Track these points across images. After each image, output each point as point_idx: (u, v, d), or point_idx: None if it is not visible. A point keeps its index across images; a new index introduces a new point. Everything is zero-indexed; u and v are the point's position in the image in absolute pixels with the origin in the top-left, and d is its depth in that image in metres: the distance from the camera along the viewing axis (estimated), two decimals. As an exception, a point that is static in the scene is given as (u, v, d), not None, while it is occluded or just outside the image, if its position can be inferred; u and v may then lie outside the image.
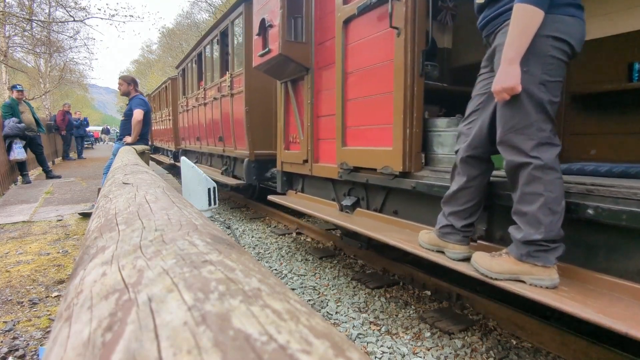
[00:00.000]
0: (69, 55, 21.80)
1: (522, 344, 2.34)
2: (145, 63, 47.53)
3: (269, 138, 5.45)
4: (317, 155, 3.79)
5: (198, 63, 8.40)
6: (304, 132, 3.90)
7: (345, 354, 0.27)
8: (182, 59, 10.36)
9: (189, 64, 9.35)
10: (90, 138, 25.53)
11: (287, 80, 4.18)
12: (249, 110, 5.42)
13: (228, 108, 6.15)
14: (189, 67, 9.45)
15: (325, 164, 3.64)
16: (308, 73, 3.80)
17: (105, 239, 0.58)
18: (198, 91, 8.17)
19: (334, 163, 3.44)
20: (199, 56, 8.31)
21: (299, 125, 4.01)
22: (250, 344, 0.26)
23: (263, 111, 5.52)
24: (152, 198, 0.86)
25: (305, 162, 3.90)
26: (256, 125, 5.47)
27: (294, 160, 4.13)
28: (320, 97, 3.72)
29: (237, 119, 5.82)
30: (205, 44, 7.73)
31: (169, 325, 0.29)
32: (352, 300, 3.01)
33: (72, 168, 11.59)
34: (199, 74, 8.38)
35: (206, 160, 8.54)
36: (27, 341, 2.17)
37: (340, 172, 3.33)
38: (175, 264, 0.41)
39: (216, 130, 6.97)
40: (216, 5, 27.79)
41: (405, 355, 2.27)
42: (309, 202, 4.09)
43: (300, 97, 4.02)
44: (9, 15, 14.02)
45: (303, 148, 3.91)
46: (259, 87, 5.44)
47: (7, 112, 7.72)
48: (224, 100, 6.38)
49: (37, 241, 4.01)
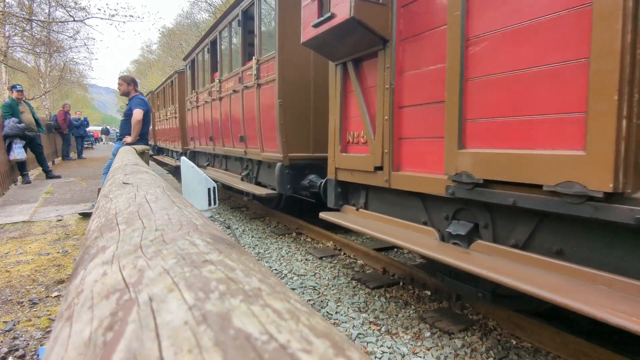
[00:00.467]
0: (69, 55, 21.84)
1: (522, 344, 2.34)
2: (145, 63, 47.55)
3: (305, 138, 4.63)
4: (399, 160, 2.82)
5: (212, 51, 7.38)
6: (377, 128, 2.95)
7: (345, 353, 0.27)
8: (191, 49, 9.27)
9: (200, 54, 8.29)
10: (90, 138, 25.53)
11: (346, 61, 3.25)
12: (283, 104, 4.46)
13: (252, 102, 5.19)
14: (199, 57, 8.40)
15: (415, 172, 2.67)
16: (385, 47, 2.83)
17: (105, 238, 0.58)
18: (211, 84, 7.21)
19: (436, 172, 2.47)
20: (212, 44, 7.30)
21: (366, 119, 3.06)
22: (251, 343, 0.26)
23: (300, 105, 4.58)
24: (153, 198, 0.86)
25: (378, 170, 2.95)
26: (291, 122, 4.53)
27: (356, 166, 3.20)
28: (406, 80, 2.73)
29: (265, 115, 4.87)
30: (221, 28, 6.69)
31: (170, 325, 0.29)
32: (352, 300, 3.01)
33: (72, 168, 11.59)
34: (212, 65, 7.39)
35: (220, 163, 7.58)
36: (27, 341, 2.17)
37: (454, 187, 2.29)
38: (176, 263, 0.41)
39: (236, 129, 5.99)
40: (216, 5, 27.80)
41: (405, 355, 2.27)
42: (383, 224, 3.04)
43: (370, 81, 3.08)
44: (9, 15, 14.02)
45: (375, 150, 2.97)
46: (294, 74, 4.53)
47: (7, 112, 7.73)
48: (247, 93, 5.44)
49: (37, 241, 4.01)
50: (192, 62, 9.05)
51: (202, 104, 7.88)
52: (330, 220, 3.39)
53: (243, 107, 5.58)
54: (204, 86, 7.91)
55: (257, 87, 5.04)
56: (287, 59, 4.46)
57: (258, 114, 5.05)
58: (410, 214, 2.87)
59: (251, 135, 5.40)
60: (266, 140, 4.95)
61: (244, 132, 5.65)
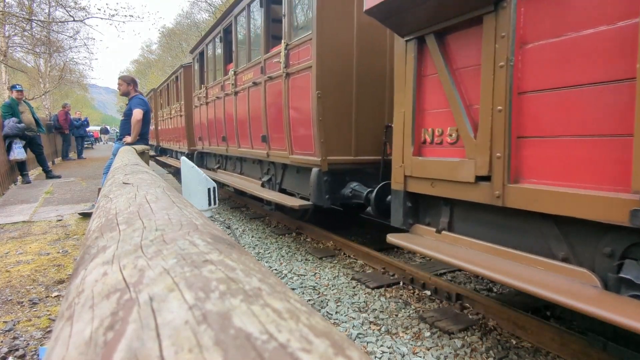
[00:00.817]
0: (69, 55, 21.84)
1: (522, 344, 2.34)
2: (145, 63, 47.55)
3: (346, 138, 3.90)
4: (519, 167, 2.04)
5: (225, 40, 6.60)
6: (481, 124, 2.19)
7: (345, 352, 0.27)
8: (199, 40, 8.42)
9: (210, 45, 7.49)
10: (90, 138, 25.54)
11: (425, 34, 2.52)
12: (322, 96, 3.70)
13: (279, 95, 4.44)
14: (209, 48, 7.60)
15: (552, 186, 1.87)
16: (498, 8, 2.07)
17: (106, 238, 0.59)
18: (224, 77, 6.42)
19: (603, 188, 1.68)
20: (225, 32, 6.51)
21: (461, 112, 2.32)
22: (251, 342, 0.26)
23: (341, 97, 3.83)
24: (153, 198, 0.86)
25: (483, 181, 2.19)
26: (331, 118, 3.78)
27: (441, 174, 2.44)
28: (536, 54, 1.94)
29: (297, 110, 4.14)
30: (237, 13, 5.89)
31: (171, 324, 0.29)
32: (352, 300, 3.01)
33: (72, 168, 11.59)
34: (226, 55, 6.63)
35: (233, 166, 6.80)
36: (27, 341, 2.17)
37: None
38: (176, 263, 0.41)
39: (256, 128, 5.22)
40: (216, 5, 27.80)
41: (405, 355, 2.27)
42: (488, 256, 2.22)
43: (467, 58, 2.33)
44: (9, 15, 14.03)
45: (477, 154, 2.21)
46: (335, 60, 3.77)
47: (6, 112, 7.73)
48: (271, 85, 4.66)
49: (37, 241, 4.02)
50: (200, 55, 8.21)
51: (213, 100, 7.10)
52: (403, 247, 2.63)
53: (266, 101, 4.80)
54: (214, 80, 7.13)
55: (285, 77, 4.25)
56: (328, 41, 3.70)
57: (287, 109, 4.27)
58: (533, 243, 2.06)
59: (276, 134, 4.63)
60: (297, 141, 4.20)
61: (266, 131, 4.86)
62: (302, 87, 3.98)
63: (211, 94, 7.30)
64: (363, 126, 3.95)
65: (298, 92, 4.08)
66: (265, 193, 4.83)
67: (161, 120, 14.26)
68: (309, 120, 3.87)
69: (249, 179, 5.91)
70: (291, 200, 4.21)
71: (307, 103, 3.89)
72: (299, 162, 4.20)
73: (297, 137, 4.21)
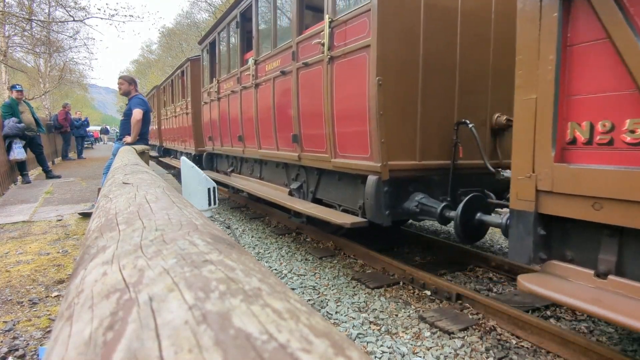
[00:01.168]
0: (69, 55, 21.84)
1: (521, 344, 2.34)
2: (145, 63, 47.53)
3: (411, 138, 3.14)
4: None
5: (242, 26, 5.78)
6: None
7: (345, 352, 0.27)
8: (210, 28, 7.46)
9: (224, 33, 6.65)
10: (90, 138, 25.55)
11: None
12: (384, 84, 2.94)
13: (317, 85, 3.72)
14: (222, 37, 6.76)
15: None
16: None
17: (105, 238, 0.59)
18: (242, 68, 5.65)
19: None
20: (243, 16, 5.73)
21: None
22: (251, 342, 0.26)
23: (406, 86, 3.08)
24: (153, 198, 0.86)
25: None
26: (394, 113, 3.04)
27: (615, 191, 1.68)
28: None
29: (345, 103, 3.37)
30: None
31: (170, 325, 0.29)
32: (352, 300, 3.01)
33: (72, 168, 11.59)
34: (243, 43, 5.82)
35: (251, 170, 6.02)
36: (27, 341, 2.17)
37: None
38: (176, 263, 0.41)
39: (283, 125, 4.47)
40: (216, 5, 27.80)
41: (405, 355, 2.27)
42: None
43: None
44: (9, 15, 14.03)
45: None
46: (400, 38, 3.02)
47: (6, 112, 7.73)
48: (307, 73, 3.93)
49: (37, 241, 4.02)
50: (211, 45, 7.34)
51: (227, 94, 6.37)
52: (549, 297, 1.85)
53: (298, 93, 4.07)
54: (229, 72, 6.38)
55: (328, 62, 3.51)
56: (392, 10, 2.95)
57: (329, 102, 3.52)
58: None
59: (312, 133, 3.91)
60: (344, 141, 3.44)
61: (298, 129, 4.12)
62: (354, 74, 3.21)
63: (224, 88, 6.57)
64: (430, 122, 3.18)
65: (347, 79, 3.32)
66: (299, 205, 4.00)
67: (165, 119, 13.38)
68: (363, 115, 3.10)
69: (273, 186, 5.09)
70: (339, 217, 3.33)
71: (361, 93, 3.11)
72: (347, 167, 3.38)
73: (344, 136, 3.43)
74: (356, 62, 3.19)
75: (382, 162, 2.98)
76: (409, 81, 3.08)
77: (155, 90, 15.32)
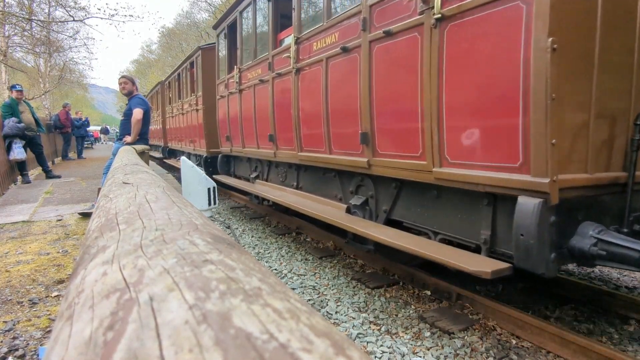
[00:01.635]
0: (69, 55, 21.84)
1: (521, 344, 2.34)
2: (145, 63, 47.53)
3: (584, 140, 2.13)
4: None
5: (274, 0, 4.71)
6: None
7: (345, 352, 0.27)
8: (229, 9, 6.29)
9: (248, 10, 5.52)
10: (90, 138, 25.55)
11: None
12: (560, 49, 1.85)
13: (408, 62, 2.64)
14: (246, 16, 5.67)
15: None
16: None
17: (106, 238, 0.59)
18: (274, 51, 4.63)
19: None
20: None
21: None
22: (251, 342, 0.26)
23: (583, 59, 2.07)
24: (153, 198, 0.86)
25: None
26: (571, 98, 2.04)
27: None
28: None
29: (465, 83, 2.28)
30: None
31: (171, 324, 0.29)
32: (352, 300, 3.01)
33: (72, 168, 11.59)
34: (276, 19, 4.75)
35: (284, 177, 4.99)
36: (27, 341, 2.17)
37: None
38: (176, 263, 0.41)
39: (341, 121, 3.44)
40: (216, 5, 27.81)
41: (405, 355, 2.27)
42: None
43: None
44: (9, 15, 14.03)
45: None
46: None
47: (6, 112, 7.73)
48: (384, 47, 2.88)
49: (36, 241, 4.01)
50: (230, 28, 6.22)
51: (252, 85, 5.27)
52: None
53: (371, 77, 3.01)
54: (255, 58, 5.26)
55: (436, 23, 2.38)
56: None
57: (435, 83, 2.43)
58: None
59: (394, 128, 2.87)
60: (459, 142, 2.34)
61: (369, 125, 3.07)
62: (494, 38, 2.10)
63: (248, 78, 5.48)
64: (603, 114, 2.17)
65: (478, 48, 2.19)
66: (375, 231, 2.93)
67: (170, 116, 11.81)
68: (513, 101, 2.02)
69: (318, 199, 4.06)
70: (472, 262, 2.15)
71: (510, 67, 2.02)
72: (469, 182, 2.27)
73: (461, 134, 2.33)
74: (500, 20, 2.06)
75: (551, 176, 1.88)
76: (585, 47, 2.05)
77: (160, 86, 13.93)
